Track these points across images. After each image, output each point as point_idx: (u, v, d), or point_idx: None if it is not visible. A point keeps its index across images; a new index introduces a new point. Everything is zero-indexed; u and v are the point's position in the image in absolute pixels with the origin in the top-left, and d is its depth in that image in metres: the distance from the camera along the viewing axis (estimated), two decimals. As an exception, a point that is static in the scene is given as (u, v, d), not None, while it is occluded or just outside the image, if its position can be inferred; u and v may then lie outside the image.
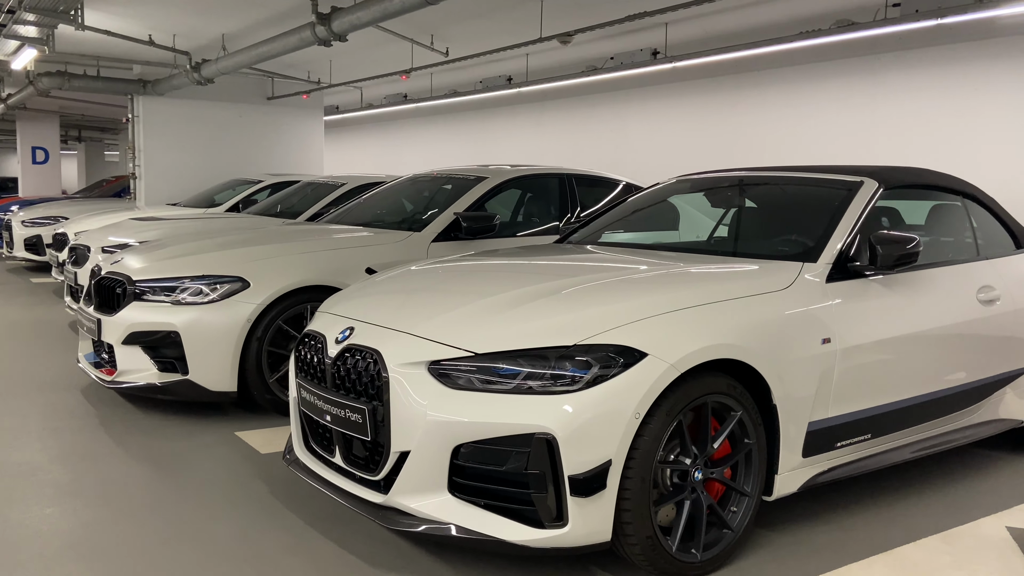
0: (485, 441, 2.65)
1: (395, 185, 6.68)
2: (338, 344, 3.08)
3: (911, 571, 3.02)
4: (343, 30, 6.63)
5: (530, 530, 2.62)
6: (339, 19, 6.57)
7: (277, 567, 2.92)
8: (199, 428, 4.54)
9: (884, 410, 3.51)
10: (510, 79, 10.13)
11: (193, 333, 4.54)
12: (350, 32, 6.65)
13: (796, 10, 6.98)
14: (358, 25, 6.44)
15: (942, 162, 6.80)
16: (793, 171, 4.29)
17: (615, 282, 3.15)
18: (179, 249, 5.10)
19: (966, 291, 3.94)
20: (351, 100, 14.19)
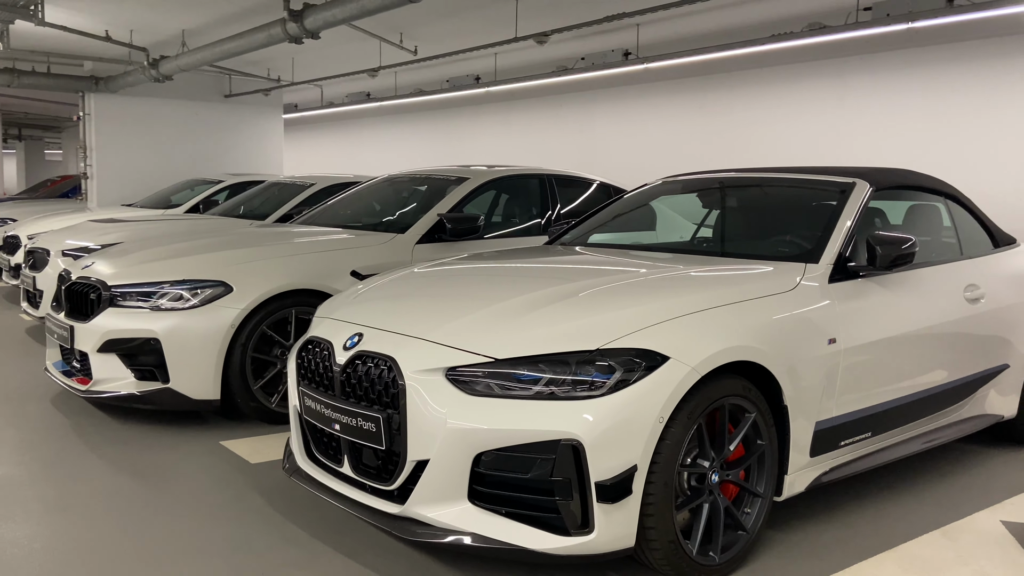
0: (508, 448, 2.60)
1: (370, 186, 6.57)
2: (346, 351, 2.99)
3: (920, 568, 3.06)
4: (316, 27, 6.49)
5: (555, 538, 2.58)
6: (312, 16, 6.42)
7: (287, 582, 2.83)
8: (181, 438, 4.40)
9: (883, 408, 3.56)
10: (478, 78, 10.06)
11: (174, 340, 4.39)
12: (324, 29, 6.51)
13: (767, 13, 7.06)
14: (332, 23, 6.31)
15: (910, 163, 6.95)
16: (784, 172, 4.33)
17: (629, 285, 3.13)
18: (156, 252, 4.94)
19: (953, 290, 4.02)
20: (311, 98, 13.95)
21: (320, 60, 10.20)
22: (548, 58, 9.03)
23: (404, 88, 11.43)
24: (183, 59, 8.66)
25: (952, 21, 5.96)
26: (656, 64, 7.79)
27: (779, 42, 6.85)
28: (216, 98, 12.61)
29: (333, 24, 6.35)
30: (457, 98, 11.04)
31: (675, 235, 4.68)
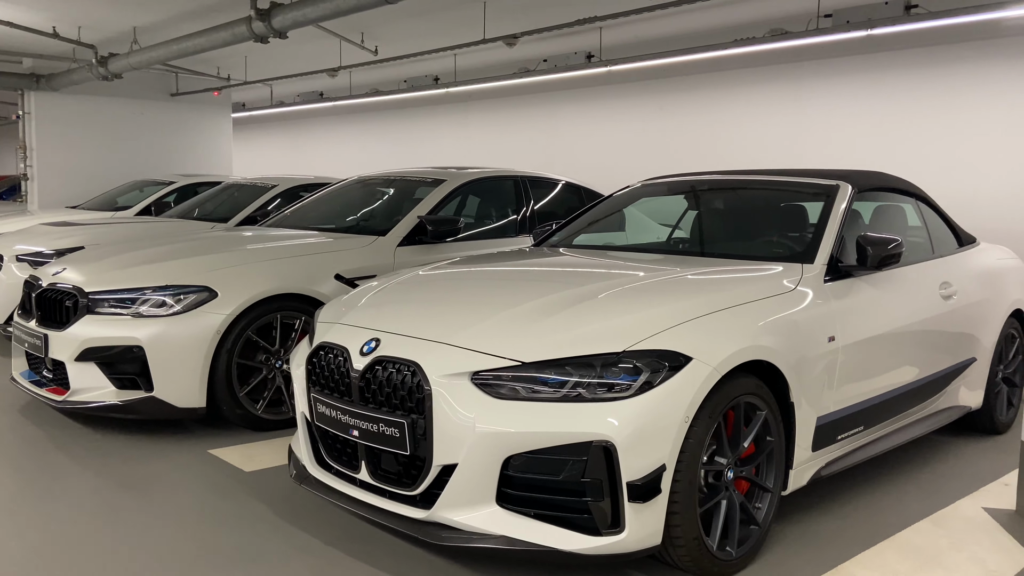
0: (539, 451, 2.62)
1: (341, 187, 6.50)
2: (364, 356, 2.97)
3: (918, 555, 3.19)
4: (285, 27, 6.38)
5: (585, 538, 2.62)
6: (281, 15, 6.30)
7: (310, 591, 2.80)
8: (166, 447, 4.29)
9: (873, 402, 3.70)
10: (437, 79, 10.02)
11: (159, 347, 4.28)
12: (292, 29, 6.41)
13: (730, 18, 7.22)
14: (302, 22, 6.21)
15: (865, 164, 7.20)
16: (768, 175, 4.45)
17: (645, 287, 3.18)
18: (133, 258, 4.80)
19: (930, 288, 4.20)
20: (259, 97, 13.68)
21: (275, 58, 10.02)
22: (509, 59, 9.05)
23: (359, 88, 11.31)
24: (136, 57, 8.40)
25: (909, 28, 6.20)
26: (620, 67, 7.90)
27: (742, 47, 7.02)
28: (162, 97, 12.27)
29: (303, 24, 6.26)
30: (414, 98, 10.98)
31: (657, 237, 4.77)
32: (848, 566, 3.07)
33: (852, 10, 6.37)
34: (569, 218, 4.86)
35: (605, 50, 8.15)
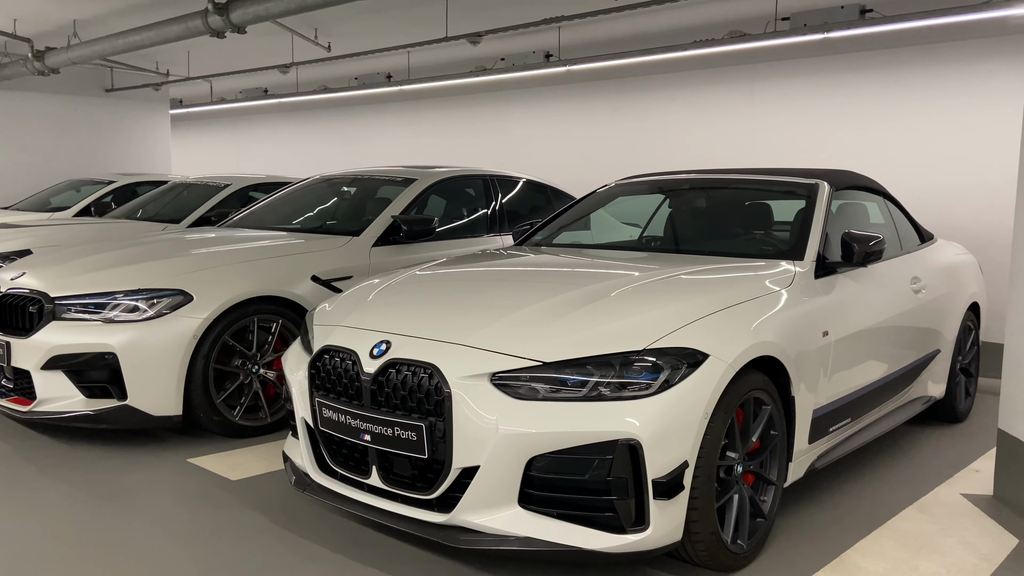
0: (563, 451, 2.61)
1: (305, 187, 6.36)
2: (375, 359, 2.91)
3: (913, 541, 3.30)
4: (245, 21, 6.19)
5: (611, 536, 2.62)
6: (241, 9, 6.11)
7: (326, 601, 2.73)
8: (143, 457, 4.13)
9: (859, 394, 3.82)
10: (389, 76, 9.90)
11: (133, 354, 4.11)
12: (252, 24, 6.23)
13: (688, 19, 7.33)
14: (264, 17, 6.04)
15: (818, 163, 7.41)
16: (748, 173, 4.54)
17: (651, 285, 3.20)
18: (100, 260, 4.60)
19: (903, 283, 4.35)
20: (197, 93, 13.27)
21: (220, 53, 9.73)
22: (465, 57, 9.00)
23: (307, 85, 11.08)
24: (77, 51, 8.03)
25: (864, 32, 6.41)
26: (579, 67, 7.94)
27: (701, 48, 7.14)
28: (96, 92, 11.78)
29: (264, 19, 6.09)
30: (364, 96, 10.81)
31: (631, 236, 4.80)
32: (850, 555, 3.15)
33: (809, 13, 6.55)
34: (548, 217, 4.86)
35: (564, 49, 8.19)
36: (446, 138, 10.71)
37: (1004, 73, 6.62)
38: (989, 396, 5.90)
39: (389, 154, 11.39)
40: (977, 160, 6.85)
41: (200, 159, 15.03)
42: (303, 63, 8.88)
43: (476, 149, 10.23)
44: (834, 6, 6.43)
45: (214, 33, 6.45)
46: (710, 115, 8.30)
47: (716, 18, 7.18)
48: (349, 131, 12.04)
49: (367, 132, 11.75)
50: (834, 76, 7.39)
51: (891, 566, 3.05)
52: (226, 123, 14.62)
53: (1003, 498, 3.77)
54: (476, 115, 10.24)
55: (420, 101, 10.87)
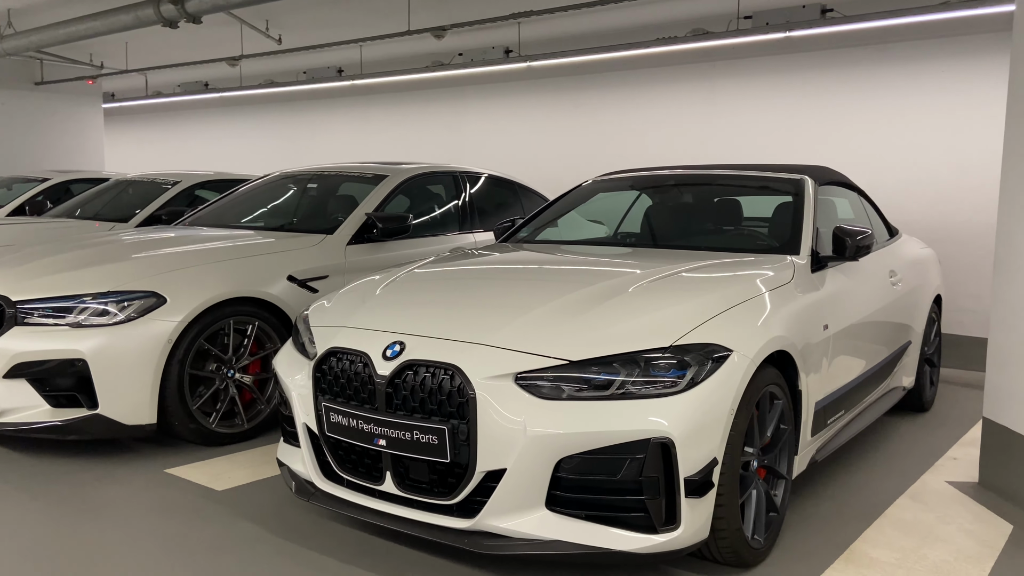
0: (594, 451, 2.55)
1: (268, 183, 6.14)
2: (389, 361, 2.80)
3: (914, 530, 3.35)
4: (202, 10, 5.92)
5: (643, 537, 2.57)
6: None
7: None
8: (115, 469, 3.90)
9: (851, 387, 3.87)
10: (340, 70, 9.65)
11: (104, 360, 3.88)
12: (210, 13, 5.96)
13: (650, 16, 7.35)
14: (224, 6, 5.79)
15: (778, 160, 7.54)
16: (733, 169, 4.56)
17: (664, 281, 3.16)
18: (62, 261, 4.33)
19: (883, 277, 4.43)
20: (130, 87, 12.72)
21: (160, 45, 9.34)
22: (420, 51, 8.85)
23: (252, 78, 10.73)
24: (12, 41, 7.56)
25: (825, 31, 6.54)
26: (540, 63, 7.89)
27: (664, 46, 7.17)
28: (24, 86, 11.18)
29: (224, 8, 5.84)
30: (311, 91, 10.53)
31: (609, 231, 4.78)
32: (859, 545, 3.18)
33: (771, 13, 6.64)
34: (531, 214, 4.80)
35: (524, 45, 8.13)
36: (399, 134, 10.53)
37: (956, 72, 6.84)
38: (949, 385, 6.10)
39: (339, 151, 11.14)
40: (929, 156, 7.07)
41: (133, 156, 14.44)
42: (253, 56, 8.59)
43: (431, 145, 10.09)
44: (796, 5, 6.54)
45: (167, 23, 6.16)
46: (670, 112, 8.36)
47: (678, 16, 7.22)
48: (296, 127, 11.73)
49: (315, 128, 11.46)
50: (793, 74, 7.53)
51: (901, 556, 3.09)
52: (161, 118, 14.08)
53: (989, 484, 3.87)
54: (431, 111, 10.09)
55: (371, 96, 10.65)
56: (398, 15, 7.58)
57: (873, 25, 6.27)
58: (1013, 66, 3.74)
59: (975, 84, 6.79)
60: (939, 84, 6.95)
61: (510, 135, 9.51)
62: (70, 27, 6.95)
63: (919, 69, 6.98)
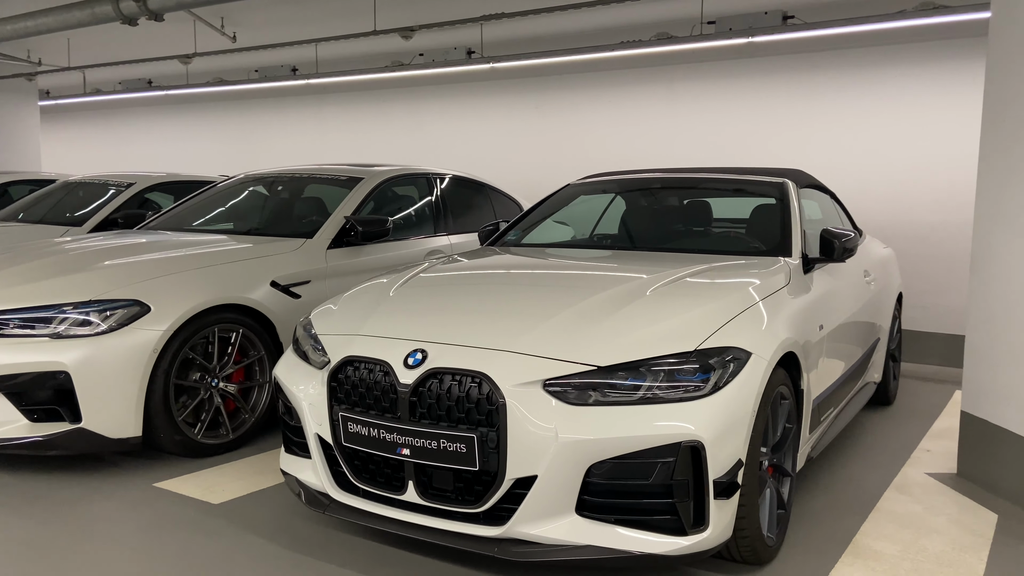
0: (625, 456, 2.57)
1: (234, 186, 5.99)
2: (411, 369, 2.77)
3: (908, 522, 3.48)
4: (165, 8, 5.72)
5: (673, 539, 2.60)
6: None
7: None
8: (103, 484, 3.76)
9: (838, 384, 4.00)
10: (295, 69, 9.46)
11: (88, 372, 3.73)
12: (174, 11, 5.76)
13: (615, 19, 7.42)
14: (190, 4, 5.61)
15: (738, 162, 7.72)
16: (717, 172, 4.65)
17: (676, 285, 3.20)
18: (35, 269, 4.15)
19: (860, 276, 4.58)
20: (66, 84, 12.22)
21: (105, 41, 9.01)
22: (378, 51, 8.74)
23: (199, 76, 10.43)
24: (-51, 36, 7.21)
25: (786, 38, 6.71)
26: (503, 64, 7.90)
27: (629, 49, 7.26)
28: (-47, 82, 10.66)
29: (189, 6, 5.66)
30: (264, 89, 10.30)
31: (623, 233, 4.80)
32: (860, 539, 3.29)
33: (734, 19, 6.78)
34: (516, 217, 4.81)
35: (487, 46, 8.12)
36: (355, 135, 10.38)
37: (909, 77, 7.11)
38: (906, 379, 6.35)
39: (293, 151, 10.92)
40: (884, 158, 7.33)
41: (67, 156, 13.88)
42: (208, 54, 8.35)
43: (388, 146, 9.98)
44: (758, 11, 6.70)
45: (126, 20, 5.94)
46: (632, 114, 8.46)
47: (642, 19, 7.31)
48: (246, 127, 11.45)
49: (267, 128, 11.20)
50: (753, 78, 7.71)
51: (903, 548, 3.21)
52: (100, 117, 13.57)
53: (968, 475, 4.04)
54: (388, 111, 9.98)
55: (325, 95, 10.48)
56: (358, 15, 7.48)
57: (832, 32, 6.45)
58: (988, 75, 3.91)
59: (929, 89, 7.07)
60: (894, 89, 7.21)
61: (470, 136, 9.48)
62: (18, 23, 6.64)
63: (875, 74, 7.23)
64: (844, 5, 6.58)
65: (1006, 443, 3.79)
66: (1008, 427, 3.76)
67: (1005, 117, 3.80)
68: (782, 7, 6.66)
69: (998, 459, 3.85)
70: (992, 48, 3.90)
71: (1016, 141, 3.73)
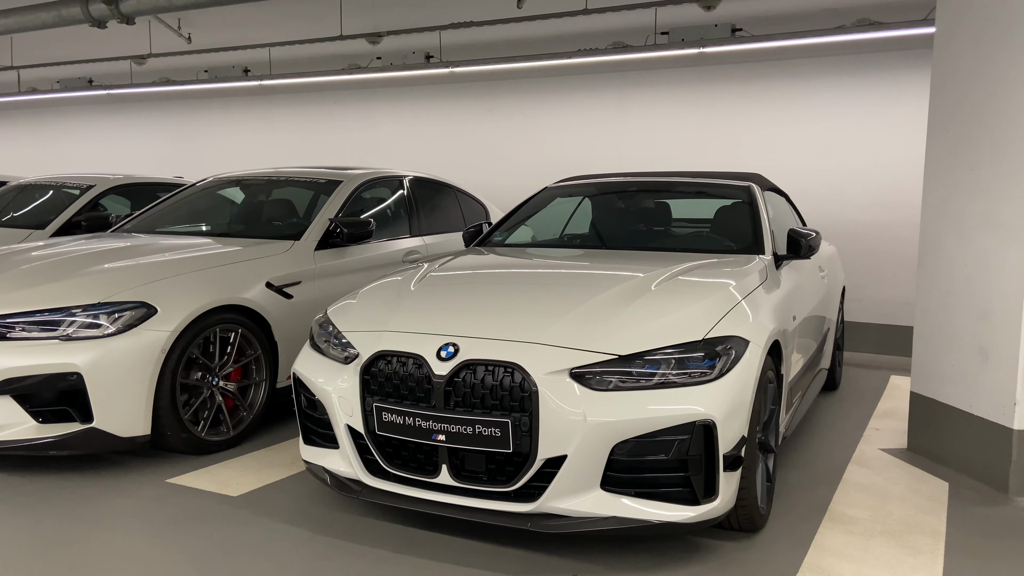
0: (646, 435, 2.86)
1: (207, 188, 6.05)
2: (444, 361, 3.00)
3: (873, 492, 3.88)
4: (137, 11, 5.71)
5: (687, 509, 2.91)
6: (134, 0, 5.62)
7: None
8: (115, 482, 3.85)
9: (804, 369, 4.39)
10: (247, 70, 9.45)
11: (99, 373, 3.82)
12: (148, 15, 5.77)
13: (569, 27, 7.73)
14: (167, 8, 5.62)
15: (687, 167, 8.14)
16: (687, 176, 5.00)
17: (675, 282, 3.51)
18: (35, 273, 4.19)
19: (816, 272, 5.01)
20: (0, 82, 11.85)
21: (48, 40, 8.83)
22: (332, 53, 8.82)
23: (145, 76, 10.28)
24: None
25: (735, 49, 7.15)
26: (462, 69, 8.12)
27: (585, 57, 7.59)
28: None
29: (164, 10, 5.67)
30: (211, 89, 10.24)
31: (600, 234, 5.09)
32: (835, 507, 3.67)
33: (685, 30, 7.18)
34: (500, 220, 5.06)
35: (445, 50, 8.32)
36: (305, 136, 10.42)
37: (847, 87, 7.66)
38: (847, 367, 6.87)
39: (238, 153, 10.87)
40: (821, 161, 7.87)
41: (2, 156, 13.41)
42: (163, 55, 8.30)
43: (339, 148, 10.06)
44: (708, 24, 7.11)
45: (95, 23, 5.92)
46: (583, 118, 8.80)
47: (597, 28, 7.63)
48: (191, 127, 11.32)
49: (211, 128, 11.10)
50: (700, 85, 8.14)
51: (872, 513, 3.60)
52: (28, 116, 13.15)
53: (918, 449, 4.50)
54: (341, 112, 10.06)
55: (273, 96, 10.49)
56: (320, 18, 7.58)
57: (778, 44, 6.91)
58: (933, 89, 4.36)
59: (863, 98, 7.63)
60: (832, 97, 7.75)
61: (423, 137, 9.66)
62: (-27, 22, 6.51)
63: (815, 84, 7.76)
64: (789, 19, 7.06)
65: (952, 419, 4.25)
66: (954, 404, 4.22)
67: (948, 129, 4.25)
68: (731, 20, 7.09)
69: (945, 433, 4.31)
70: (937, 63, 4.35)
71: (959, 152, 4.19)
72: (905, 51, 7.35)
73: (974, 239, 4.08)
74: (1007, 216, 3.88)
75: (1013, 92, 3.83)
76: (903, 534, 3.38)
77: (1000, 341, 3.90)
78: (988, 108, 3.98)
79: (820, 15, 7.01)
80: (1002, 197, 3.91)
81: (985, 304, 4.00)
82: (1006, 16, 3.87)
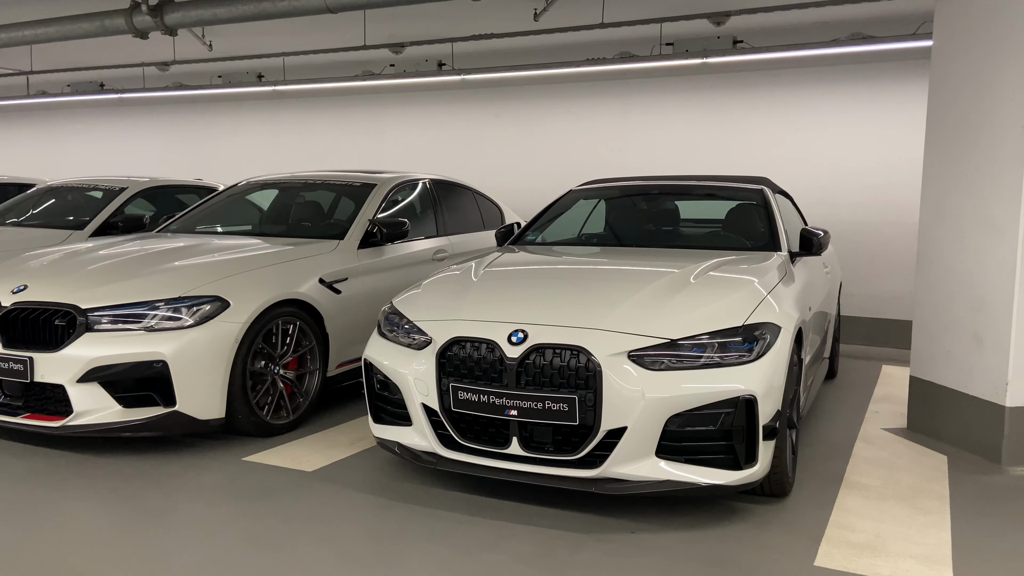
0: (697, 408, 3.28)
1: (243, 192, 6.39)
2: (515, 345, 3.39)
3: (881, 464, 4.33)
4: (182, 24, 6.03)
5: (730, 473, 3.33)
6: (181, 12, 5.93)
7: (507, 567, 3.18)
8: (195, 460, 4.20)
9: (814, 356, 4.83)
10: (261, 76, 9.76)
11: (182, 361, 4.17)
12: (192, 26, 6.08)
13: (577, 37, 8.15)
14: (212, 20, 5.94)
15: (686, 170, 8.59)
16: (704, 180, 5.43)
17: (712, 274, 3.93)
18: (115, 269, 4.53)
19: (822, 267, 5.45)
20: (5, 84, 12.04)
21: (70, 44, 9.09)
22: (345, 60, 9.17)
23: (157, 81, 10.55)
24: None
25: (735, 59, 7.61)
26: (473, 76, 8.50)
27: (593, 66, 8.01)
28: None
29: (210, 23, 5.99)
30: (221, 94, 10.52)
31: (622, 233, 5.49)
32: (848, 476, 4.12)
33: (689, 41, 7.62)
34: (531, 219, 5.46)
35: (456, 58, 8.70)
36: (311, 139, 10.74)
37: (840, 96, 8.16)
38: (841, 357, 7.34)
39: (244, 156, 11.17)
40: (814, 165, 8.35)
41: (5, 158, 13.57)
42: (186, 62, 8.60)
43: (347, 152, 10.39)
44: (711, 35, 7.56)
45: (138, 34, 6.23)
46: (587, 124, 9.22)
47: (605, 38, 8.05)
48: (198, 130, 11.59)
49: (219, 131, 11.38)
50: (699, 93, 8.60)
51: (883, 481, 4.05)
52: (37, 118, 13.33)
53: (917, 428, 4.96)
54: (349, 116, 10.40)
55: (283, 100, 10.80)
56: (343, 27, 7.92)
57: (776, 56, 7.38)
58: (931, 100, 4.83)
59: (855, 107, 8.13)
60: (826, 105, 8.24)
61: (432, 141, 10.02)
62: (13, 32, 6.77)
63: (809, 92, 8.24)
64: (787, 32, 7.53)
65: (948, 398, 4.71)
66: (951, 386, 4.68)
67: (945, 135, 4.72)
68: (733, 33, 7.55)
69: (941, 412, 4.77)
70: (934, 75, 4.81)
71: (955, 156, 4.65)
72: (895, 63, 7.85)
73: (969, 236, 4.55)
74: (998, 215, 4.34)
75: (1001, 102, 4.30)
76: (912, 498, 3.83)
77: (993, 328, 4.37)
78: (980, 116, 4.45)
79: (816, 29, 7.49)
80: (994, 198, 4.38)
81: (979, 296, 4.47)
82: (995, 33, 4.34)
